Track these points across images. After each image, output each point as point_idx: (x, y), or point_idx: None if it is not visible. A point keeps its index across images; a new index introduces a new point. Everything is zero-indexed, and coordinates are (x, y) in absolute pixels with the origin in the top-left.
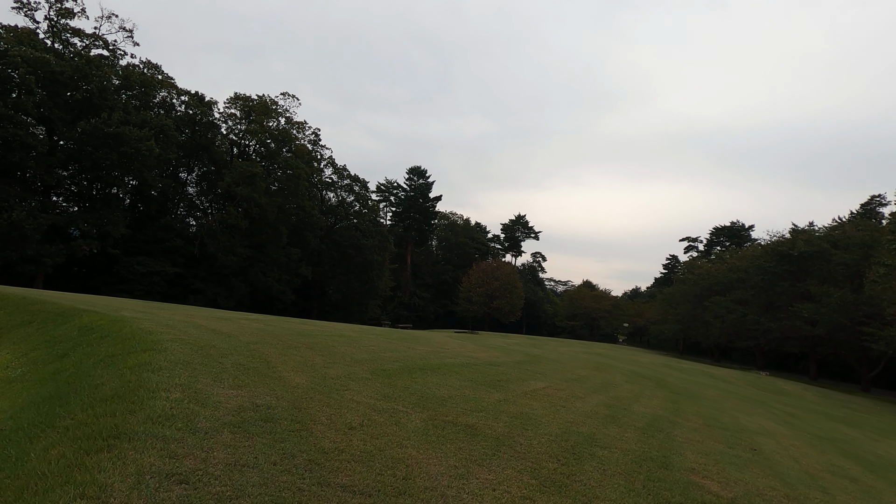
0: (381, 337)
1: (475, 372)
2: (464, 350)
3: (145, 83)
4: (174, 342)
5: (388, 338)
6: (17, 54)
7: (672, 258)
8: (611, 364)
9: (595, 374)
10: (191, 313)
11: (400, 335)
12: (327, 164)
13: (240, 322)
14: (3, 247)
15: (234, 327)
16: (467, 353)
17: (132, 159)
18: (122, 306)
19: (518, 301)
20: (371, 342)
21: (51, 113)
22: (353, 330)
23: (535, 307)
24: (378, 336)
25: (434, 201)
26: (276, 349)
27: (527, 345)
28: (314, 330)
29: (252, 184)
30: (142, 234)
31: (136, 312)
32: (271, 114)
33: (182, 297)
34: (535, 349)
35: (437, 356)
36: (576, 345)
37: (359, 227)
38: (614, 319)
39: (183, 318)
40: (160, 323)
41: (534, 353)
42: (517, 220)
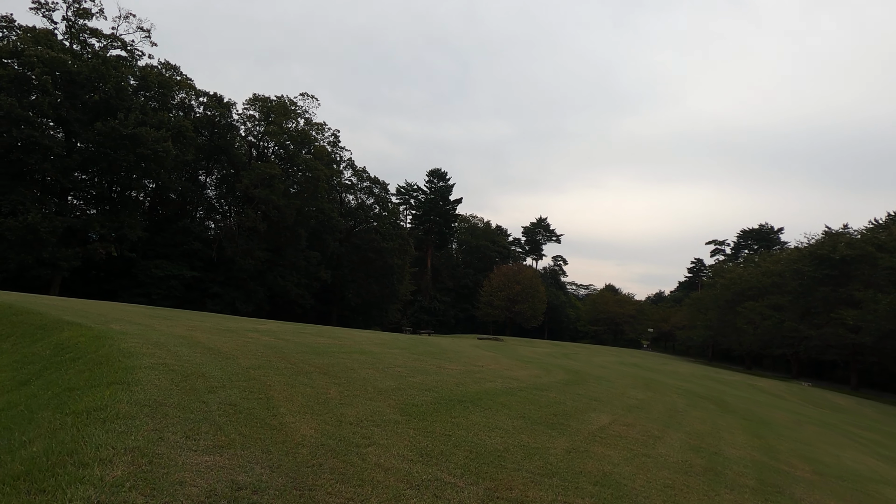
0: (405, 352)
1: (524, 402)
2: (499, 367)
3: (163, 84)
4: (153, 370)
5: (412, 352)
6: (34, 54)
7: (697, 262)
8: (657, 380)
9: (651, 396)
10: (194, 325)
11: (426, 348)
12: (347, 165)
13: (246, 336)
14: (19, 250)
15: (237, 344)
16: (504, 371)
17: (149, 161)
18: (120, 316)
19: (540, 305)
20: (395, 360)
21: (68, 114)
22: (374, 342)
23: (558, 312)
24: (402, 350)
25: (454, 204)
26: (281, 376)
27: (559, 355)
28: (331, 345)
29: (270, 185)
30: (159, 238)
31: (130, 325)
32: (290, 115)
33: (200, 302)
34: (571, 361)
35: (474, 379)
36: (605, 352)
37: (379, 230)
38: (638, 324)
39: (182, 332)
40: (149, 340)
41: (574, 368)
42: (538, 222)
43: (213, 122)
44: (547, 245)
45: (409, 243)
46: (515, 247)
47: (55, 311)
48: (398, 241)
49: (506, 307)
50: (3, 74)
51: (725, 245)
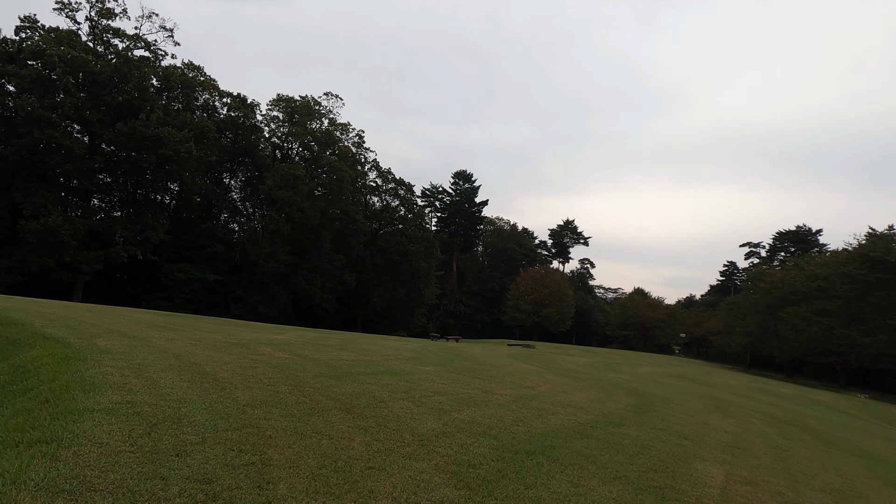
0: (441, 369)
1: (607, 449)
2: (551, 388)
3: (186, 84)
4: (110, 415)
5: (449, 369)
6: (55, 54)
7: (730, 265)
8: (723, 398)
9: (736, 426)
10: (200, 337)
11: (462, 362)
12: (371, 167)
13: (257, 351)
14: (41, 253)
15: (241, 366)
16: (560, 395)
17: (171, 162)
18: (118, 327)
19: (569, 309)
20: (432, 383)
21: (90, 115)
22: (403, 356)
23: (586, 316)
24: (437, 367)
25: (480, 206)
26: (288, 419)
27: (600, 365)
28: (355, 362)
29: (294, 187)
30: (183, 240)
31: (122, 339)
32: (314, 115)
33: (223, 306)
34: (617, 373)
35: (532, 410)
36: (643, 360)
37: (404, 233)
38: (669, 329)
39: (179, 349)
40: (130, 363)
41: (630, 386)
42: (565, 225)
43: (237, 123)
44: (574, 248)
45: (435, 246)
46: (541, 250)
47: (42, 320)
48: (424, 243)
49: (533, 311)
50: (25, 75)
51: (760, 247)
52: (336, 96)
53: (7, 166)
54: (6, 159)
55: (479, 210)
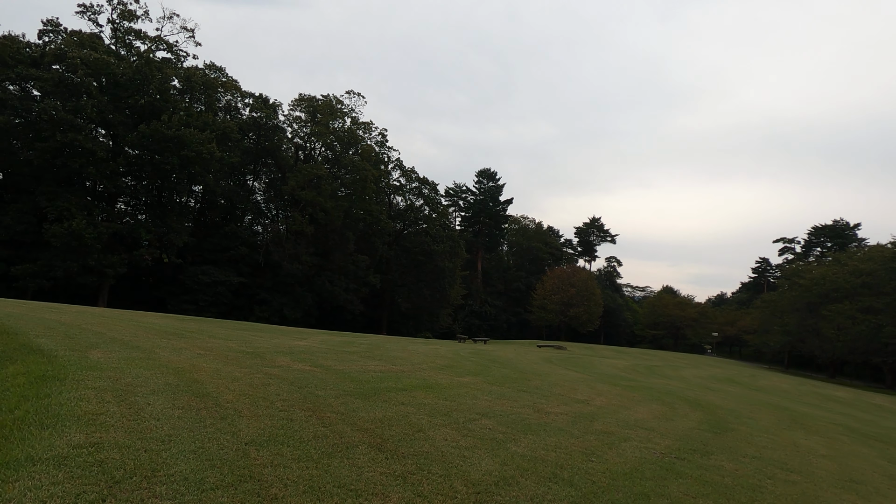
0: (480, 380)
1: (713, 495)
2: (607, 402)
3: (208, 84)
4: (61, 467)
5: (489, 379)
6: (77, 56)
7: (762, 261)
8: (795, 410)
9: (829, 448)
10: (211, 346)
11: (501, 370)
12: (395, 166)
13: (273, 363)
14: (65, 257)
15: (251, 383)
16: (620, 411)
17: (193, 163)
18: (122, 335)
19: (597, 309)
20: (475, 400)
21: (112, 117)
22: (435, 364)
23: (614, 315)
24: (476, 378)
25: (505, 205)
26: (302, 466)
27: (642, 369)
28: (384, 375)
29: (317, 187)
30: (207, 243)
31: (121, 350)
32: (336, 114)
33: (248, 308)
34: (663, 378)
35: (599, 435)
36: (682, 361)
37: (429, 233)
38: (701, 328)
39: (183, 363)
40: (117, 385)
41: (693, 399)
42: (591, 223)
43: (260, 124)
44: (600, 246)
45: (461, 245)
46: (567, 248)
47: (40, 329)
48: (449, 243)
49: (560, 311)
50: (47, 78)
51: (795, 243)
52: (358, 94)
53: (31, 170)
54: (30, 163)
55: (503, 208)
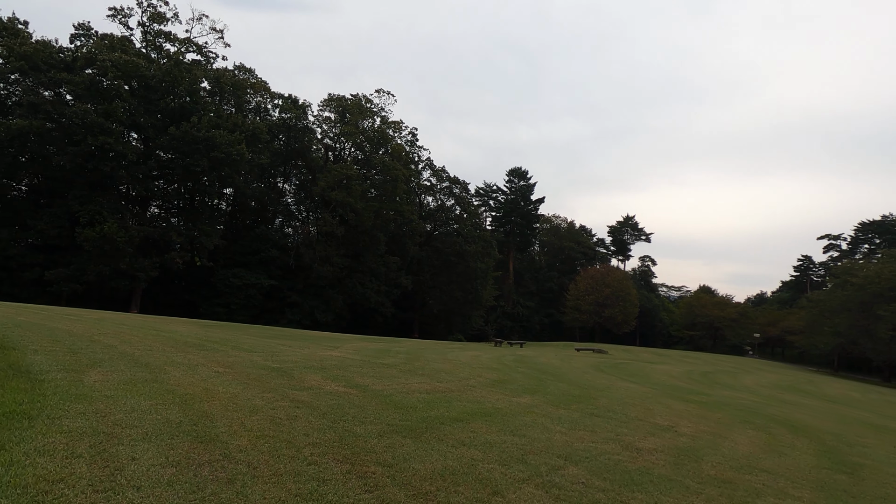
0: (541, 399)
1: None
2: (698, 430)
3: (237, 86)
4: None
5: (549, 397)
6: (107, 59)
7: (805, 259)
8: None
9: None
10: (231, 361)
11: (558, 386)
12: (425, 166)
13: (300, 384)
14: (97, 261)
15: (272, 418)
16: (719, 442)
17: (223, 165)
18: (130, 350)
19: (632, 309)
20: (549, 434)
21: (142, 120)
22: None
23: (650, 316)
24: (535, 397)
25: (536, 204)
26: None
27: (701, 378)
28: (430, 396)
29: (348, 188)
30: (237, 246)
31: (124, 369)
32: (366, 113)
33: (279, 311)
34: (735, 391)
35: (719, 484)
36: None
37: (461, 233)
38: (741, 329)
39: (197, 386)
40: (105, 422)
41: (784, 420)
42: (625, 221)
43: (289, 125)
44: (634, 245)
45: (493, 245)
46: (600, 247)
47: (42, 342)
48: (481, 243)
49: (594, 312)
50: (78, 82)
51: (841, 240)
52: (388, 93)
53: (64, 175)
54: (63, 168)
55: (535, 208)
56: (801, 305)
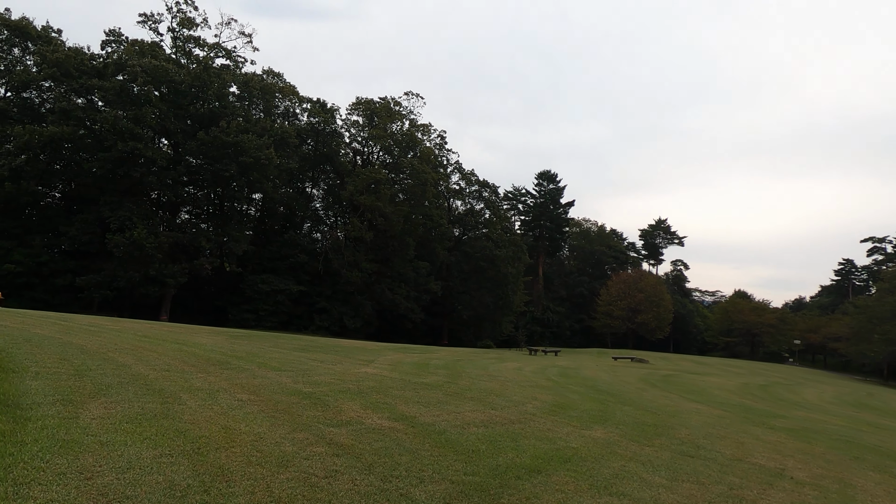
0: (617, 433)
1: None
2: (812, 474)
3: (265, 89)
4: None
5: (625, 429)
6: (137, 64)
7: (846, 262)
8: None
9: None
10: (258, 384)
11: (623, 410)
12: (454, 169)
13: (337, 416)
14: (127, 267)
15: (303, 474)
16: (835, 484)
17: (251, 169)
18: (145, 371)
19: (666, 315)
20: (654, 493)
21: (171, 125)
22: (545, 407)
23: (685, 321)
24: (608, 429)
25: (566, 207)
26: None
27: (760, 392)
28: (489, 430)
29: (376, 192)
30: (266, 251)
31: (133, 399)
32: (395, 116)
33: (307, 317)
34: (811, 413)
35: None
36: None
37: (491, 237)
38: (780, 335)
39: (213, 424)
40: (82, 497)
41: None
42: (657, 224)
43: (318, 130)
44: (666, 249)
45: (523, 250)
46: (630, 251)
47: (48, 361)
48: (512, 248)
49: (627, 317)
50: (108, 87)
51: (886, 242)
52: (417, 95)
53: (95, 181)
54: (94, 174)
55: (564, 211)
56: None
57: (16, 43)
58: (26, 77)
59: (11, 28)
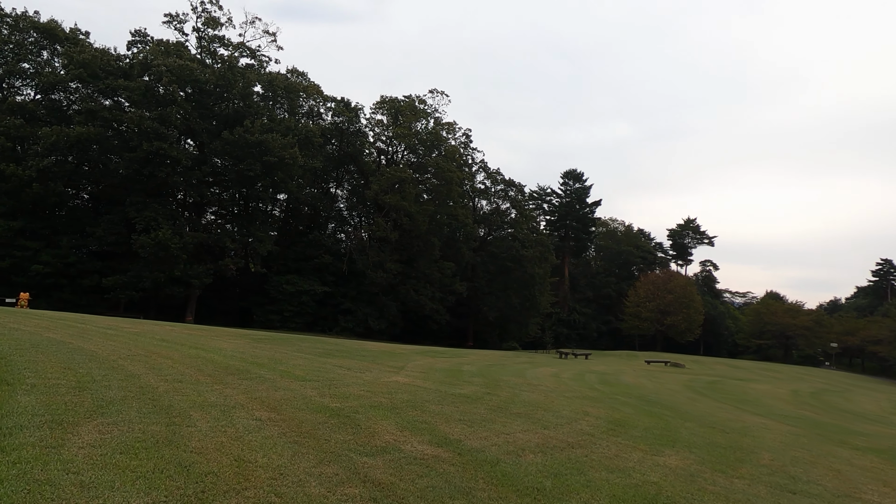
0: (693, 459)
1: None
2: None
3: (289, 88)
4: None
5: (703, 458)
6: (162, 64)
7: (885, 263)
8: None
9: None
10: (280, 397)
11: (692, 431)
12: (479, 168)
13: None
14: (153, 268)
15: None
16: None
17: (276, 169)
18: (155, 383)
19: (697, 317)
20: None
21: (196, 124)
22: (600, 423)
23: (715, 323)
24: (681, 454)
25: (593, 206)
26: None
27: (815, 402)
28: (554, 463)
29: (401, 191)
30: (291, 252)
31: (135, 420)
32: (419, 114)
33: (332, 318)
34: (885, 428)
35: None
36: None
37: (517, 237)
38: (815, 338)
39: (226, 453)
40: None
41: None
42: (686, 224)
43: (342, 130)
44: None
45: (550, 250)
46: (658, 251)
47: (50, 369)
48: (539, 248)
49: (656, 319)
50: (134, 88)
51: None
52: (441, 93)
53: (121, 181)
54: (120, 174)
55: (591, 211)
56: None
57: (44, 45)
58: (54, 78)
59: (40, 30)
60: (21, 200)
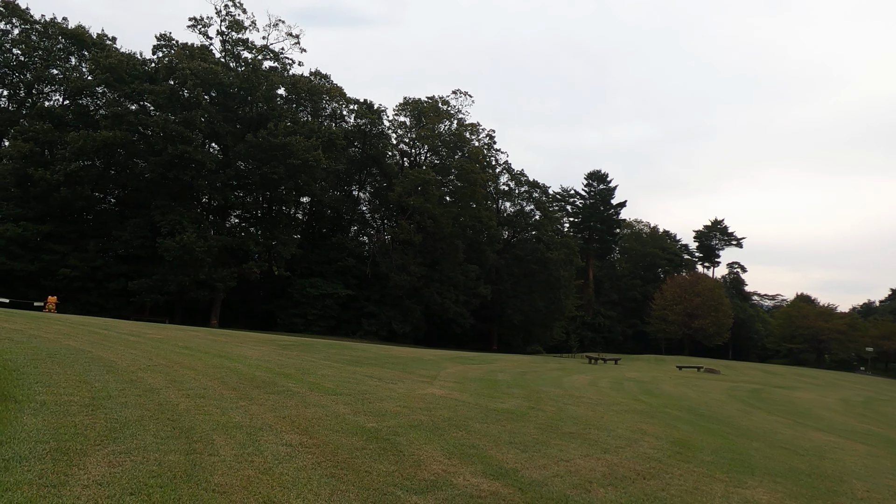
0: (784, 493)
1: None
2: None
3: (313, 91)
4: None
5: (782, 485)
6: (187, 67)
7: None
8: None
9: None
10: (311, 415)
11: (766, 453)
12: (503, 170)
13: (416, 472)
14: (178, 271)
15: None
16: None
17: (300, 172)
18: (174, 399)
19: (726, 320)
20: None
21: (220, 127)
22: (668, 447)
23: (744, 327)
24: (770, 489)
25: (617, 208)
26: None
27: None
28: (620, 492)
29: (425, 193)
30: (314, 255)
31: (151, 446)
32: (442, 116)
33: (355, 322)
34: None
35: None
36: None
37: (542, 239)
38: (849, 342)
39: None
40: None
41: None
42: (713, 225)
43: (364, 132)
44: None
45: (575, 252)
46: (684, 253)
47: (64, 383)
48: (564, 250)
49: (683, 322)
50: (159, 91)
51: None
52: (465, 94)
53: (146, 185)
54: (146, 178)
55: (616, 212)
56: None
57: (72, 51)
58: (81, 83)
59: (68, 36)
60: (49, 204)
